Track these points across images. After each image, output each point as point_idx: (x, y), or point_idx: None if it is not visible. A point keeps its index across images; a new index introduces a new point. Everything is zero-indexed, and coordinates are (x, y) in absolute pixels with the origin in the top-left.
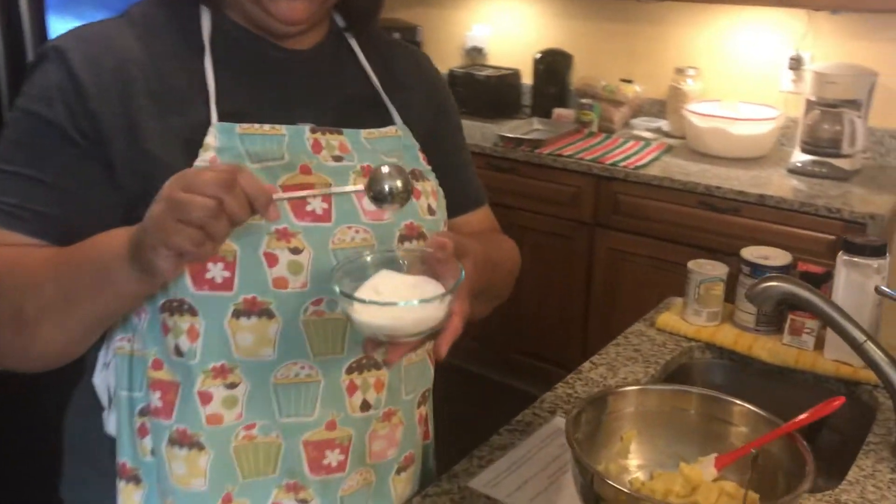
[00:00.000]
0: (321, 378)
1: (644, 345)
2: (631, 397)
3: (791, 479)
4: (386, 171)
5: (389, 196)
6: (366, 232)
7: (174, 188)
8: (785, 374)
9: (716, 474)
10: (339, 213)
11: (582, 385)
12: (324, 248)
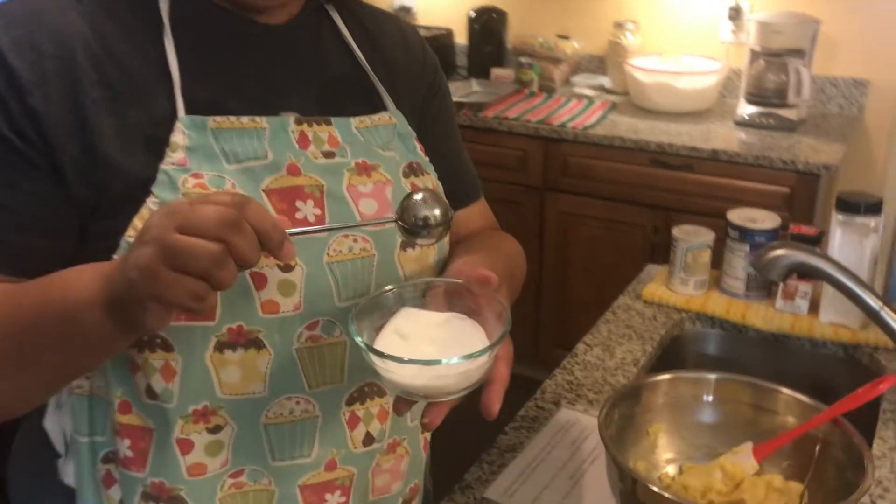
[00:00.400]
0: (319, 413)
1: (634, 320)
2: (663, 387)
3: (844, 470)
4: (420, 199)
5: (425, 229)
6: (365, 241)
7: (167, 228)
8: (779, 340)
9: (756, 466)
10: (334, 219)
11: (580, 370)
12: (318, 262)
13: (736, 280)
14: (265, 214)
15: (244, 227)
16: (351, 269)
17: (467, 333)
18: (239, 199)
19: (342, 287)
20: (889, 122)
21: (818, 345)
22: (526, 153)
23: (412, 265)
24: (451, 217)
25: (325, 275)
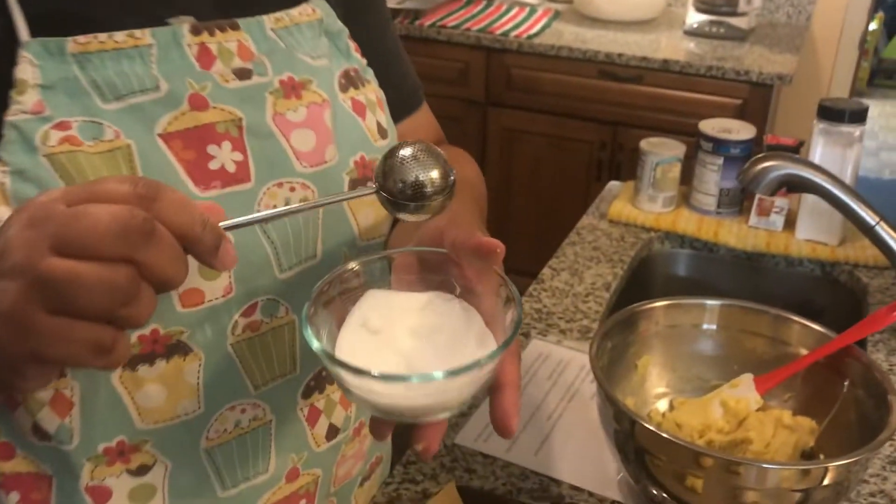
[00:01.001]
0: (271, 416)
1: (601, 241)
2: (659, 314)
3: (862, 405)
4: (408, 156)
5: (418, 200)
6: (304, 187)
7: (36, 249)
8: (753, 259)
9: (761, 401)
10: (260, 163)
11: (549, 296)
12: (247, 227)
13: (707, 196)
14: (186, 206)
15: (158, 232)
16: (291, 229)
17: (459, 321)
18: (145, 188)
19: (282, 254)
20: (836, 31)
21: (794, 263)
22: (467, 65)
23: (367, 211)
24: (454, 181)
25: (258, 241)
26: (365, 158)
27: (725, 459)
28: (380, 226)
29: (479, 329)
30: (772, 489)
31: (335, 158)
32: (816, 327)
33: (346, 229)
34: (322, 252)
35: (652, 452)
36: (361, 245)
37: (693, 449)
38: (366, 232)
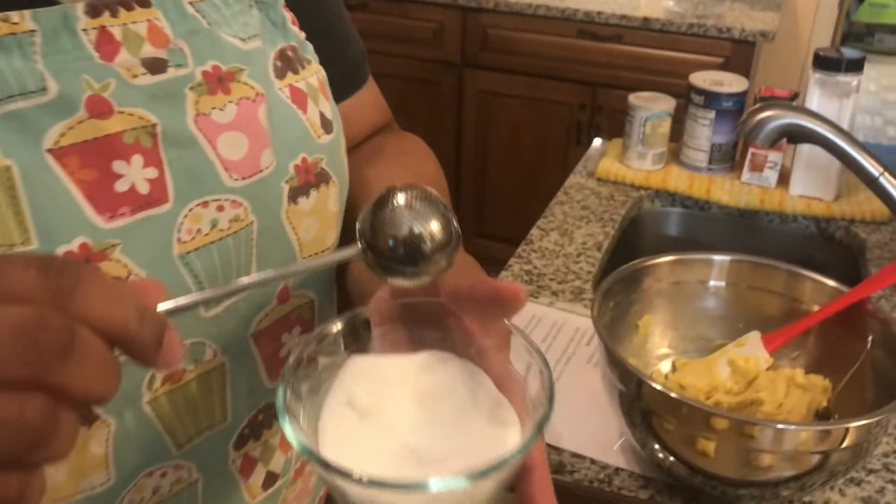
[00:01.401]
0: (198, 475)
1: (590, 200)
2: (664, 271)
3: (879, 363)
4: (401, 204)
5: (415, 262)
6: (235, 204)
7: None
8: (746, 216)
9: (770, 360)
10: (181, 178)
11: (539, 258)
12: (164, 257)
13: (698, 152)
14: (116, 294)
15: (80, 342)
16: (218, 255)
17: (465, 387)
18: (57, 276)
19: (208, 286)
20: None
21: (788, 220)
22: (441, 25)
23: (308, 223)
24: (459, 233)
25: (177, 275)
26: (307, 161)
27: (741, 420)
28: (324, 238)
29: (490, 395)
30: (789, 451)
31: (272, 165)
32: (829, 282)
33: (285, 248)
34: (274, 303)
35: (660, 415)
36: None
37: (705, 410)
38: (308, 248)
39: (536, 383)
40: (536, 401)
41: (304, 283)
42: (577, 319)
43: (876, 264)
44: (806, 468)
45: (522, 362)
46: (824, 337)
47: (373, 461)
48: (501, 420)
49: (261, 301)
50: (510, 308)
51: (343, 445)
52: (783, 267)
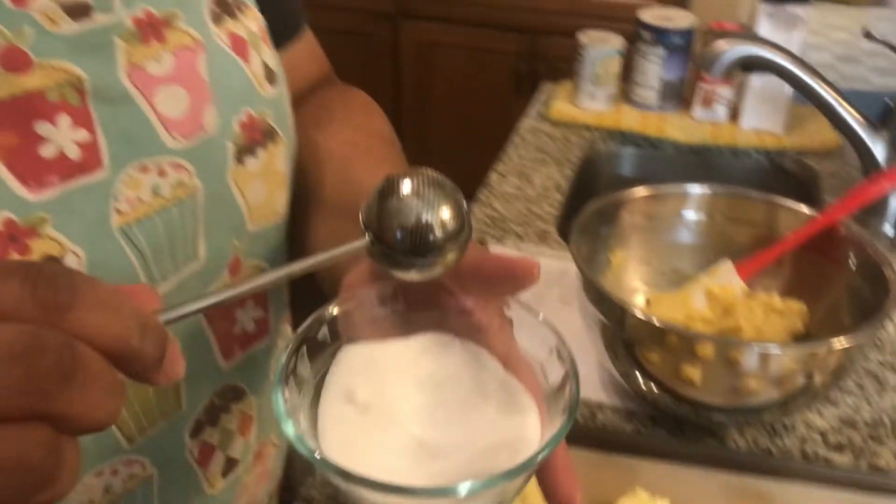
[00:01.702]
0: (152, 469)
1: (545, 142)
2: (638, 204)
3: (854, 284)
4: (409, 192)
5: (428, 249)
6: (178, 168)
7: None
8: (698, 153)
9: (745, 288)
10: (115, 140)
11: (500, 202)
12: (102, 233)
13: (648, 90)
14: (114, 307)
15: (82, 364)
16: (163, 227)
17: (472, 375)
18: (49, 288)
19: (153, 263)
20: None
21: (740, 154)
22: None
23: (256, 185)
24: (470, 223)
25: (118, 250)
26: (252, 116)
27: (728, 344)
28: (274, 202)
29: (498, 378)
30: (775, 374)
31: (215, 123)
32: (804, 209)
33: (234, 214)
34: (206, 250)
35: (644, 345)
36: (253, 231)
37: (691, 336)
38: (257, 213)
39: (553, 361)
40: (553, 380)
41: (254, 251)
42: (545, 261)
43: (830, 193)
44: (791, 391)
45: (534, 340)
46: (797, 263)
47: (381, 459)
48: (515, 404)
49: (212, 274)
50: (523, 284)
51: (348, 445)
52: (758, 196)
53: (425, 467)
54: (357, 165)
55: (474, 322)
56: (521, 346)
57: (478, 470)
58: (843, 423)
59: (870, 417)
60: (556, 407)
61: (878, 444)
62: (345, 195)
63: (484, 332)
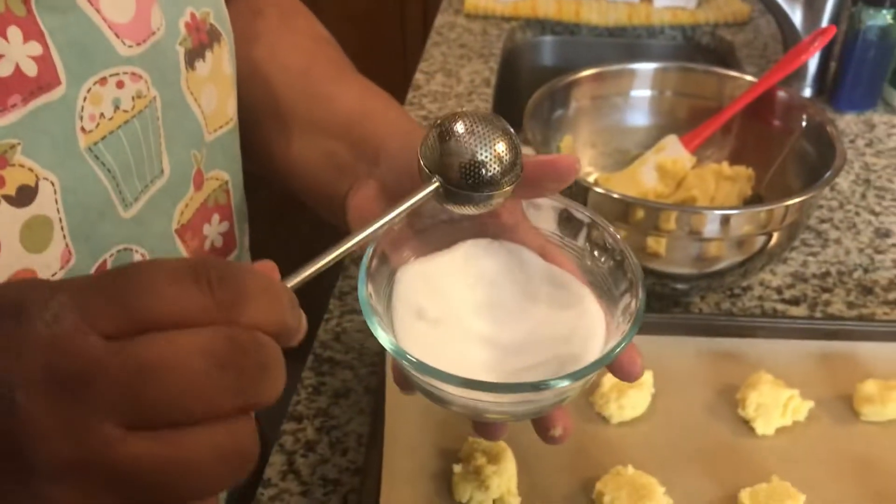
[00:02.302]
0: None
1: (465, 37)
2: (584, 86)
3: (799, 147)
4: (464, 131)
5: (489, 182)
6: (136, 78)
7: (89, 430)
8: (616, 34)
9: (693, 159)
10: (69, 52)
11: (431, 101)
12: (72, 155)
13: None
14: (272, 292)
15: (266, 349)
16: (128, 142)
17: (520, 270)
18: (222, 288)
19: (124, 183)
20: None
21: (656, 32)
22: None
23: (209, 91)
24: (521, 152)
25: (88, 172)
26: (196, 17)
27: (690, 213)
28: (225, 108)
29: (543, 269)
30: (736, 237)
31: (163, 25)
32: (747, 78)
33: (191, 123)
34: (170, 164)
35: (610, 222)
36: (210, 141)
37: (657, 208)
38: (212, 120)
39: (598, 248)
40: (598, 265)
41: (214, 161)
42: None
43: (747, 62)
44: (751, 252)
45: (581, 229)
46: (742, 131)
47: (463, 364)
48: (567, 291)
49: (178, 189)
50: (567, 178)
51: (430, 357)
52: (699, 68)
53: (504, 364)
54: (320, 77)
55: (503, 223)
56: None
57: (555, 359)
58: (795, 278)
59: (817, 270)
60: (616, 280)
61: (829, 293)
62: (318, 111)
63: (515, 230)
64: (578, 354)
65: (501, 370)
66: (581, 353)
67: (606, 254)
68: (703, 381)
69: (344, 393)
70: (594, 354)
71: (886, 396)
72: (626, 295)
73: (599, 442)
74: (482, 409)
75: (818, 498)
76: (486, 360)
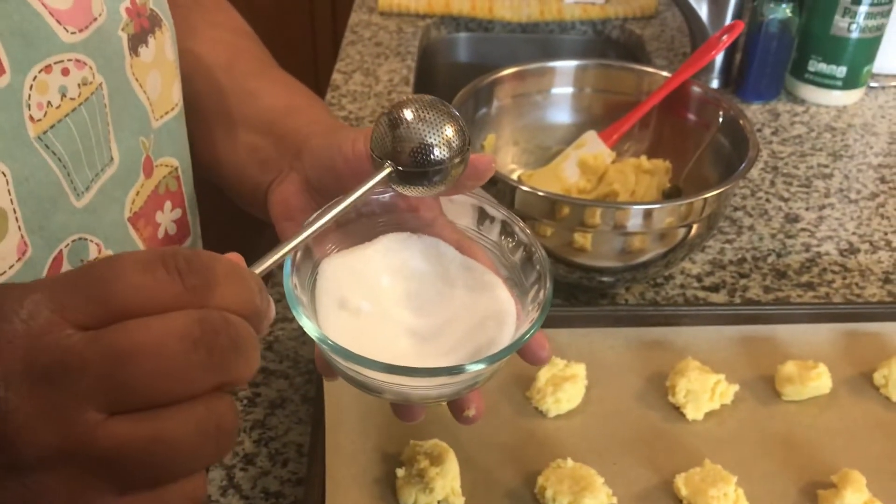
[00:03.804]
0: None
1: (380, 36)
2: (505, 86)
3: (714, 140)
4: (413, 118)
5: (441, 166)
6: (80, 65)
7: (73, 416)
8: (528, 30)
9: (613, 154)
10: (12, 41)
11: (350, 101)
12: (22, 141)
13: None
14: (241, 278)
15: (238, 329)
16: (76, 130)
17: (437, 262)
18: (192, 273)
19: (75, 172)
20: None
21: (567, 28)
22: None
23: (153, 77)
24: (469, 137)
25: (39, 160)
26: (136, 3)
27: (614, 209)
28: (170, 94)
29: (459, 261)
30: (658, 229)
31: (104, 11)
32: (663, 73)
33: (138, 109)
34: (119, 152)
35: (536, 218)
36: (157, 127)
37: (582, 205)
38: (157, 106)
39: (511, 242)
40: (510, 258)
41: (163, 149)
42: None
43: (657, 55)
44: (673, 244)
45: (495, 225)
46: (660, 125)
47: (384, 351)
48: (481, 281)
49: (128, 177)
50: (482, 178)
51: (353, 345)
52: (616, 64)
53: (423, 350)
54: (243, 73)
55: (421, 218)
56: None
57: (470, 344)
58: (713, 266)
59: (734, 256)
60: (526, 272)
61: (746, 278)
62: (242, 107)
63: (432, 224)
64: (492, 340)
65: (421, 356)
66: (494, 338)
67: (518, 247)
68: (633, 371)
69: (280, 403)
70: (506, 340)
71: (805, 376)
72: (535, 286)
73: (538, 436)
74: (403, 392)
75: (748, 477)
76: (407, 347)
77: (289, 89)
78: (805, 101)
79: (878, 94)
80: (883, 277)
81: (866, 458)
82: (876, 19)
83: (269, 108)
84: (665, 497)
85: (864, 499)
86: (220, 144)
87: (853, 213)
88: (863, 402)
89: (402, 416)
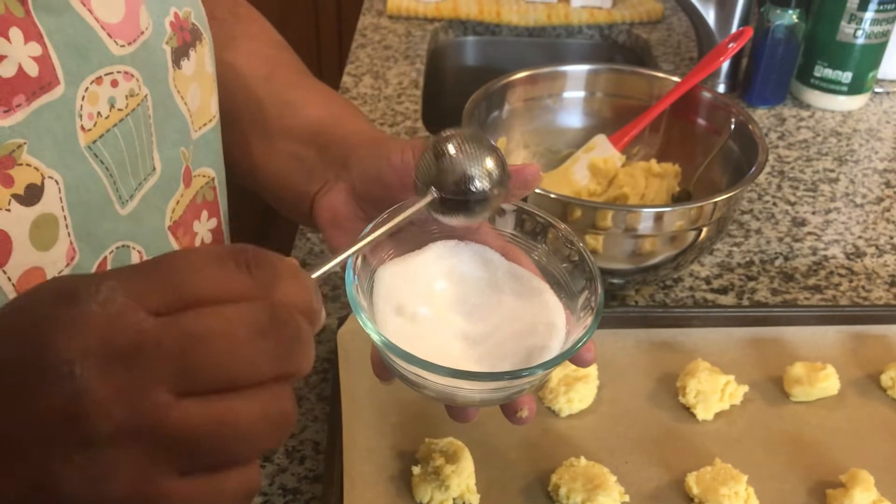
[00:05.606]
0: None
1: (390, 39)
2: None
3: (723, 145)
4: (453, 150)
5: (482, 196)
6: (128, 77)
7: (146, 396)
8: (535, 34)
9: (623, 157)
10: (66, 52)
11: (360, 104)
12: (74, 153)
13: None
14: (301, 278)
15: (300, 323)
16: (123, 140)
17: (486, 268)
18: (259, 269)
19: (120, 180)
20: None
21: (574, 32)
22: None
23: (193, 89)
24: (507, 170)
25: (88, 169)
26: (179, 17)
27: (626, 212)
28: (208, 106)
29: (503, 266)
30: (669, 232)
31: (150, 25)
32: (673, 78)
33: (179, 122)
34: (161, 162)
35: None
36: (196, 138)
37: (594, 207)
38: (197, 118)
39: (555, 247)
40: (556, 264)
41: (201, 160)
42: None
43: (663, 60)
44: (682, 247)
45: (537, 230)
46: (669, 129)
47: (439, 356)
48: (529, 287)
49: (169, 186)
50: (530, 186)
51: (411, 349)
52: (627, 69)
53: (475, 354)
54: (282, 83)
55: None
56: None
57: (522, 349)
58: (722, 268)
59: (742, 259)
60: (574, 277)
61: (754, 281)
62: (284, 117)
63: (478, 231)
64: (543, 344)
65: (474, 360)
66: (545, 343)
67: (563, 252)
68: (644, 372)
69: (296, 401)
70: (557, 344)
71: (813, 378)
72: (584, 291)
73: (551, 435)
74: (456, 395)
75: (757, 477)
76: (460, 351)
77: (328, 99)
78: (811, 106)
79: (883, 100)
80: (889, 280)
81: (874, 458)
82: (882, 25)
83: (311, 119)
84: (676, 495)
85: (872, 498)
86: (259, 153)
87: (859, 217)
88: (870, 403)
89: (456, 417)
